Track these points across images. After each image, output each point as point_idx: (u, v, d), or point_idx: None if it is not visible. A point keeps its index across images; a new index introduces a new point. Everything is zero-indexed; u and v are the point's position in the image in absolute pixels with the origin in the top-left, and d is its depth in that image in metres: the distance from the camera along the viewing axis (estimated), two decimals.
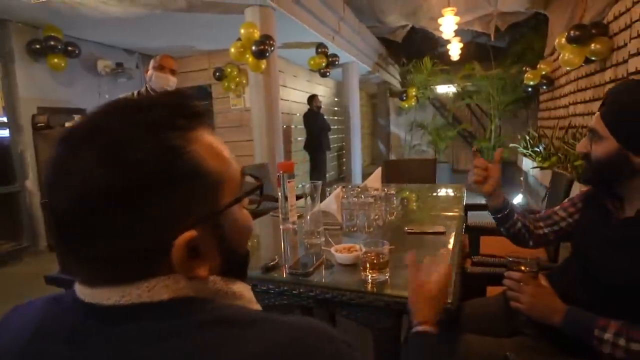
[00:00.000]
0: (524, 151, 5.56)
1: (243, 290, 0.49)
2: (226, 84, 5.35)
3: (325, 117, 6.39)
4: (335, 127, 8.08)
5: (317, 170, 6.41)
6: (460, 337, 1.08)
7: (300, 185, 6.83)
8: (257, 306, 0.50)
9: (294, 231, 1.61)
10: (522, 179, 6.13)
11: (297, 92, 6.97)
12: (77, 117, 4.04)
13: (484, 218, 3.56)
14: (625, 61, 3.30)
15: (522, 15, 6.26)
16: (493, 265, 1.47)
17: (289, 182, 1.59)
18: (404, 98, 8.86)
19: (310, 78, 7.45)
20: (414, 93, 8.80)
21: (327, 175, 7.84)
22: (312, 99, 6.23)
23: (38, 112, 4.03)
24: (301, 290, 1.09)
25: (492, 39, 6.87)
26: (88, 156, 0.39)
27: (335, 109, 8.97)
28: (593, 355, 0.90)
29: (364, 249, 1.12)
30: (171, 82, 2.48)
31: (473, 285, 1.51)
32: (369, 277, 1.06)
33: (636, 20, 3.07)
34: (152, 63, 2.46)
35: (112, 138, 0.40)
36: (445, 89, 9.38)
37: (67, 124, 3.96)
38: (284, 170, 1.60)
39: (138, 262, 0.42)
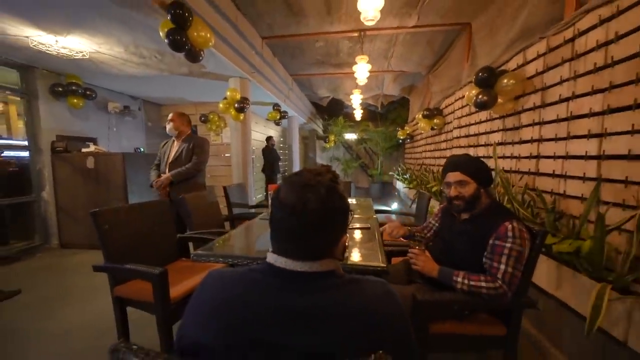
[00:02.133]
0: (398, 177, 6.24)
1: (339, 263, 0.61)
2: (209, 126, 5.16)
3: (277, 151, 6.47)
4: (282, 157, 8.16)
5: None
6: None
7: (260, 195, 6.77)
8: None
9: None
10: (396, 194, 6.85)
11: (257, 133, 6.95)
12: (91, 145, 3.60)
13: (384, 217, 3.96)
14: (451, 130, 3.88)
15: (396, 97, 7.10)
16: (396, 245, 1.66)
17: None
18: (326, 141, 9.33)
19: (266, 124, 7.49)
20: (332, 138, 9.32)
21: None
22: (269, 138, 6.29)
23: (57, 139, 3.49)
24: None
25: (379, 109, 7.66)
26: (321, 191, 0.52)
27: (282, 145, 9.07)
28: (453, 290, 1.11)
29: None
30: (169, 129, 2.49)
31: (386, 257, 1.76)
32: None
33: (457, 109, 3.68)
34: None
35: (330, 186, 0.54)
36: (352, 136, 10.10)
37: (83, 150, 3.50)
38: (274, 190, 1.70)
39: (326, 249, 0.53)
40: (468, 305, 1.12)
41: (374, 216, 2.11)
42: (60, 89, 3.45)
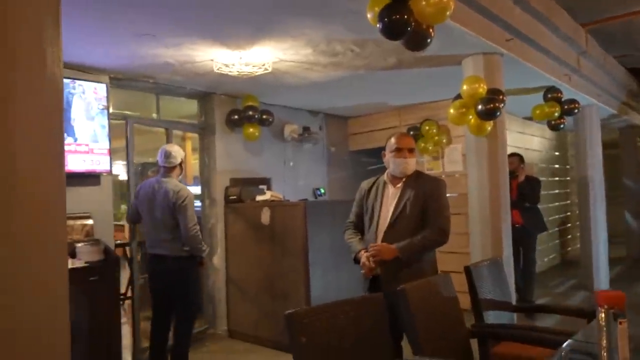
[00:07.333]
0: None
1: None
2: (422, 144, 5.45)
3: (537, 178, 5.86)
4: (555, 191, 7.42)
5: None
6: None
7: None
8: None
9: None
10: None
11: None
12: (267, 191, 4.68)
13: None
14: None
15: None
16: None
17: (619, 322, 1.36)
18: None
19: (523, 129, 7.17)
20: None
21: (547, 258, 7.15)
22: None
23: (230, 184, 4.82)
24: None
25: None
26: None
27: (556, 166, 8.28)
28: None
29: None
30: (410, 165, 2.60)
31: None
32: None
33: None
34: (387, 147, 2.64)
35: None
36: None
37: (257, 198, 4.61)
38: (609, 304, 1.38)
39: None
40: None
41: None
42: (237, 117, 4.81)
